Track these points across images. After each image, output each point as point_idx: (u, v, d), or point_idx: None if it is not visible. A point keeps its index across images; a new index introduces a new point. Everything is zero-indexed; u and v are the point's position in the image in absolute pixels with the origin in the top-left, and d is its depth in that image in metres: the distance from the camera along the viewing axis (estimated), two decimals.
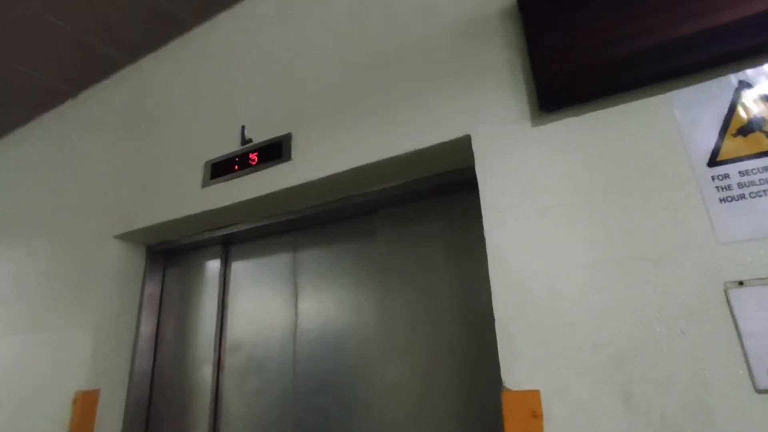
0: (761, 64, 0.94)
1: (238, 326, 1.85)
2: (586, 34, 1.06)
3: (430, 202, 1.52)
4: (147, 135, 2.05)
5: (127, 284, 1.98)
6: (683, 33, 0.96)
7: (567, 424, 0.92)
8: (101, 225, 2.01)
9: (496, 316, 1.05)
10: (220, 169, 1.69)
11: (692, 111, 0.97)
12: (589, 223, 1.02)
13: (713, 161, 0.93)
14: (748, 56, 0.95)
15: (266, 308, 1.80)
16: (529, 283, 1.04)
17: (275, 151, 1.57)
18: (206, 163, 1.75)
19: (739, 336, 0.83)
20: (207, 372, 1.81)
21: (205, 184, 1.71)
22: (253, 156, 1.61)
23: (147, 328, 1.99)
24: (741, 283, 0.85)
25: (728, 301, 0.85)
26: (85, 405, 1.75)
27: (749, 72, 0.94)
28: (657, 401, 0.86)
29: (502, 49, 1.25)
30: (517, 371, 1.00)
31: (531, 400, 0.96)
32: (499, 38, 1.26)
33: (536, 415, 0.95)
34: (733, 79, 0.96)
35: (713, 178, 0.92)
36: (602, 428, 0.89)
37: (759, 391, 0.80)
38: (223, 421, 1.76)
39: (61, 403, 1.77)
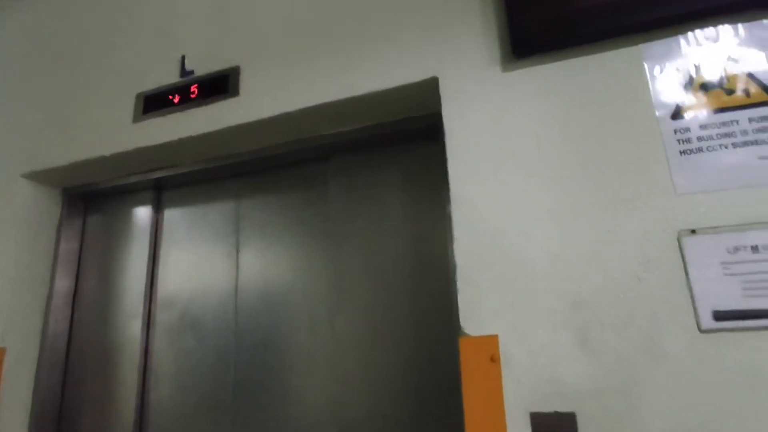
0: (725, 23, 0.96)
1: (172, 280, 1.70)
2: None
3: (387, 151, 1.45)
4: (65, 62, 1.77)
5: (39, 231, 1.73)
6: None
7: (524, 367, 0.93)
8: (6, 162, 1.73)
9: (457, 262, 1.03)
10: (155, 102, 1.50)
11: (661, 64, 0.98)
12: (555, 170, 1.01)
13: (677, 114, 0.95)
14: (714, 15, 0.96)
15: (204, 261, 1.67)
16: (492, 229, 1.03)
17: (220, 85, 1.41)
18: (138, 95, 1.55)
19: (688, 281, 0.87)
20: (135, 329, 1.66)
21: (137, 119, 1.51)
22: (194, 89, 1.44)
23: (64, 281, 1.77)
24: (693, 232, 0.89)
25: (681, 249, 0.89)
26: None
27: (714, 29, 0.96)
28: (613, 344, 0.89)
29: None
30: (476, 317, 0.98)
31: (489, 344, 0.96)
32: None
33: (494, 360, 0.95)
34: (700, 35, 0.97)
35: (675, 131, 0.94)
36: (559, 370, 0.91)
37: (702, 331, 0.84)
38: (154, 380, 1.63)
39: None
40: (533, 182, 1.02)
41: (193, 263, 1.69)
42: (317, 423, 1.35)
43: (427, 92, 1.21)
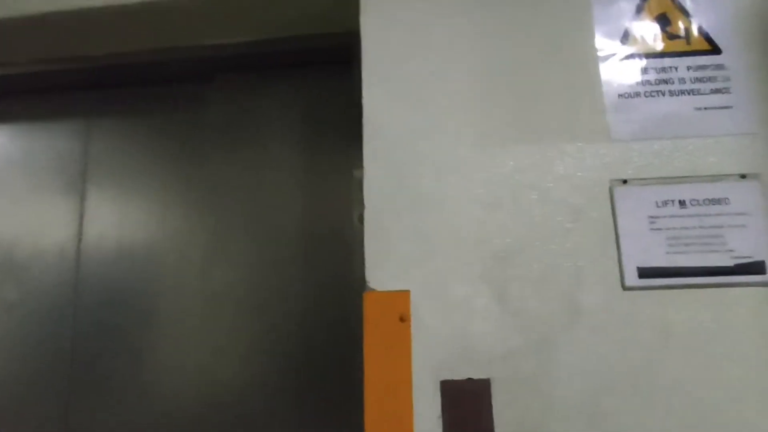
0: None
1: None
2: None
3: (285, 74, 1.20)
4: None
5: None
6: None
7: (437, 327, 0.79)
8: None
9: (366, 205, 0.85)
10: None
11: (609, 1, 0.88)
12: (484, 103, 0.87)
13: (619, 54, 0.86)
14: None
15: (35, 195, 1.27)
16: (408, 168, 0.86)
17: None
18: None
19: (617, 235, 0.80)
20: None
21: None
22: None
23: None
24: (625, 182, 0.81)
25: (612, 199, 0.81)
26: None
27: None
28: (532, 301, 0.78)
29: None
30: (385, 269, 0.82)
31: (399, 301, 0.80)
32: None
33: (404, 319, 0.79)
34: None
35: (616, 72, 0.85)
36: (474, 332, 0.78)
37: (626, 289, 0.78)
38: None
39: None
40: (458, 116, 0.87)
41: (19, 196, 1.28)
42: (181, 396, 1.11)
43: (339, 4, 0.99)
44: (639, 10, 0.87)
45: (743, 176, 0.80)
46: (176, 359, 1.13)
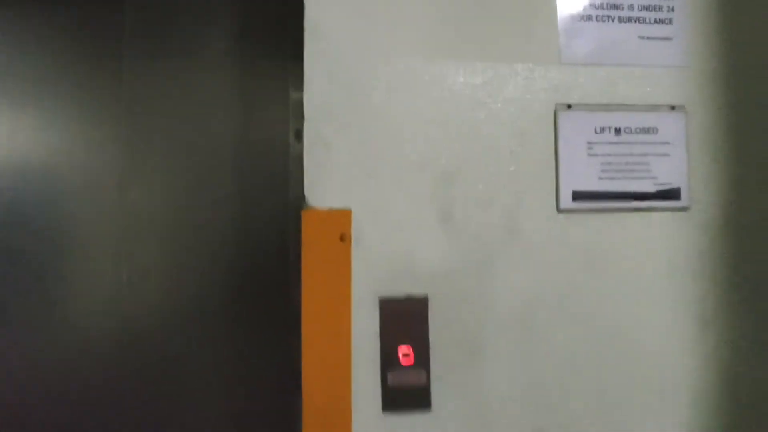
0: None
1: None
2: None
3: None
4: None
5: None
6: None
7: (378, 246, 0.77)
8: None
9: (306, 116, 0.77)
10: None
11: None
12: (441, 18, 0.81)
13: None
14: None
15: None
16: (354, 75, 0.79)
17: None
18: None
19: (557, 159, 0.81)
20: None
21: None
22: None
23: None
24: (569, 107, 0.82)
25: (555, 123, 0.81)
26: None
27: None
28: (474, 221, 0.79)
29: None
30: (326, 186, 0.77)
31: (340, 220, 0.76)
32: None
33: (344, 239, 0.76)
34: None
35: None
36: (416, 251, 0.78)
37: (560, 211, 0.81)
38: None
39: None
40: (411, 29, 0.80)
41: None
42: (93, 330, 1.00)
43: None
44: None
45: (672, 107, 0.84)
46: (87, 288, 1.01)
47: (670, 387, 0.81)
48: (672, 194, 0.82)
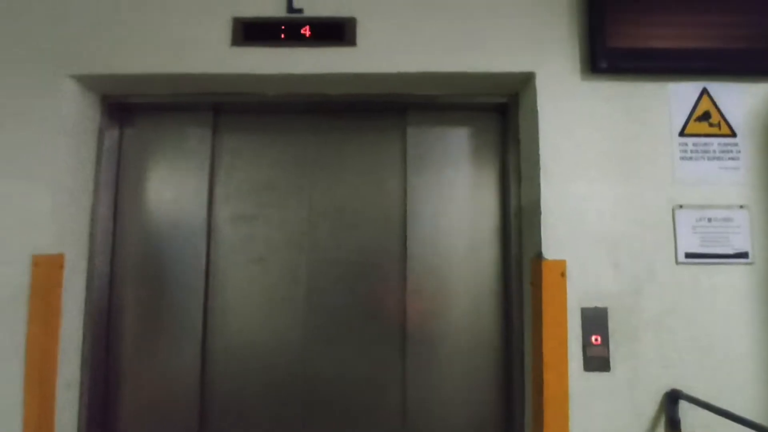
0: (720, 81, 1.54)
1: (238, 198, 1.81)
2: (639, 22, 1.49)
3: (458, 115, 1.81)
4: None
5: (83, 139, 1.66)
6: (705, 45, 1.49)
7: (579, 280, 1.47)
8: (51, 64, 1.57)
9: (542, 209, 1.49)
10: (258, 32, 1.56)
11: (677, 99, 1.54)
12: (612, 174, 1.52)
13: (682, 133, 1.53)
14: (711, 73, 1.54)
15: (270, 183, 1.82)
16: (572, 203, 1.51)
17: (335, 31, 1.56)
18: (234, 19, 1.57)
19: (675, 235, 1.49)
20: (199, 244, 1.76)
21: (237, 43, 1.56)
22: (306, 30, 1.56)
23: (107, 192, 1.74)
24: (681, 206, 1.50)
25: (673, 216, 1.50)
26: (50, 270, 1.52)
27: (710, 83, 1.55)
28: (630, 267, 1.48)
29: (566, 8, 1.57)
30: (552, 247, 1.48)
31: (560, 266, 1.47)
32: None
33: (563, 275, 1.47)
34: (701, 85, 1.55)
35: (680, 144, 1.53)
36: (599, 282, 1.47)
37: (678, 264, 1.48)
38: (212, 290, 1.78)
39: (18, 266, 1.48)
40: (592, 178, 1.53)
41: (261, 182, 1.81)
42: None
43: (520, 81, 1.60)
44: (695, 107, 1.54)
45: (741, 206, 1.50)
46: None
47: (741, 371, 1.45)
48: (742, 255, 1.48)
